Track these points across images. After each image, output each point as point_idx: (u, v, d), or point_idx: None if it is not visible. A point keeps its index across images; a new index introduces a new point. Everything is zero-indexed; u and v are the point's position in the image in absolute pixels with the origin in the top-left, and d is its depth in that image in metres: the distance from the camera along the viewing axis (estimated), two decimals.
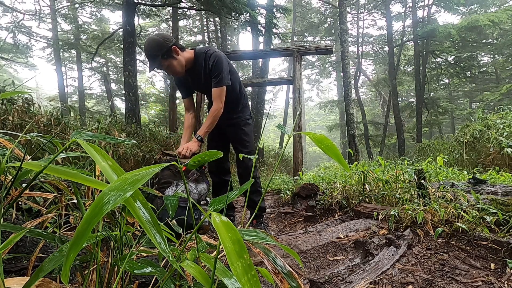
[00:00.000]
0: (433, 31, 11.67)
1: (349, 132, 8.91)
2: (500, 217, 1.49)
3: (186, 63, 1.98)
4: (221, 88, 1.98)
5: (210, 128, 2.01)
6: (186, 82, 2.14)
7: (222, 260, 0.89)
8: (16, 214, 1.23)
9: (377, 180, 2.41)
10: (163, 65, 1.89)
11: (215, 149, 2.15)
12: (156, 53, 1.82)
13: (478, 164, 4.92)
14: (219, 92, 1.99)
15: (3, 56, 13.09)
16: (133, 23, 6.97)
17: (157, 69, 1.97)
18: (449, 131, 19.07)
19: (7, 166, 0.60)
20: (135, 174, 0.43)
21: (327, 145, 0.63)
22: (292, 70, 7.89)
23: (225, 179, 2.35)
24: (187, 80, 2.11)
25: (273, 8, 8.38)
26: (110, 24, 18.33)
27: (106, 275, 0.72)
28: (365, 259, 1.39)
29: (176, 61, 1.91)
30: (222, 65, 1.96)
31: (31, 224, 0.80)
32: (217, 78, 1.97)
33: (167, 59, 1.87)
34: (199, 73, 2.03)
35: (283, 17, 15.14)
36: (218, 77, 1.97)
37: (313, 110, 40.67)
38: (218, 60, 1.95)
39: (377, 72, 23.40)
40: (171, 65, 1.91)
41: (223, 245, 0.40)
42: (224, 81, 1.98)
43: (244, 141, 2.23)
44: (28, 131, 2.92)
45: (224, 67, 1.97)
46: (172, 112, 11.16)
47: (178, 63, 1.92)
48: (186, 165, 0.60)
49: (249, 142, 2.25)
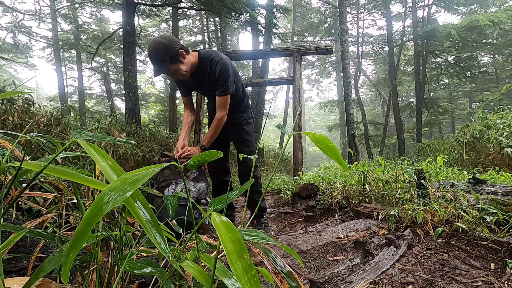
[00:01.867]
0: (433, 31, 11.67)
1: (349, 132, 8.92)
2: (500, 217, 1.49)
3: (191, 67, 1.93)
4: (226, 97, 1.97)
5: (213, 137, 2.00)
6: (187, 82, 2.12)
7: (222, 260, 0.89)
8: (16, 214, 1.23)
9: (377, 180, 2.41)
10: (170, 70, 1.81)
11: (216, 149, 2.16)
12: (164, 57, 1.73)
13: (478, 164, 4.92)
14: (224, 100, 1.97)
15: (3, 56, 13.09)
16: (133, 23, 6.97)
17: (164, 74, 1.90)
18: (449, 131, 19.06)
19: (7, 166, 0.60)
20: (135, 174, 0.43)
21: (327, 145, 0.63)
22: (292, 70, 7.88)
23: (225, 179, 2.35)
24: (188, 81, 2.09)
25: (273, 8, 8.38)
26: (110, 24, 18.33)
27: (106, 275, 0.72)
28: (365, 259, 1.39)
29: (183, 65, 1.83)
30: (228, 74, 1.92)
31: (31, 224, 0.80)
32: (223, 87, 1.94)
33: (174, 64, 1.79)
34: (203, 78, 2.00)
35: (283, 17, 15.13)
36: (224, 86, 1.93)
37: (313, 110, 40.68)
38: (225, 69, 1.91)
39: (377, 72, 23.41)
40: (178, 70, 1.83)
41: (223, 245, 0.40)
42: (229, 89, 1.95)
43: (246, 141, 2.23)
44: (28, 131, 2.92)
45: (230, 75, 1.94)
46: (172, 112, 11.17)
47: (185, 67, 1.85)
48: (186, 165, 0.60)
49: (251, 142, 2.24)
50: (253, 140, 2.26)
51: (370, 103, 27.42)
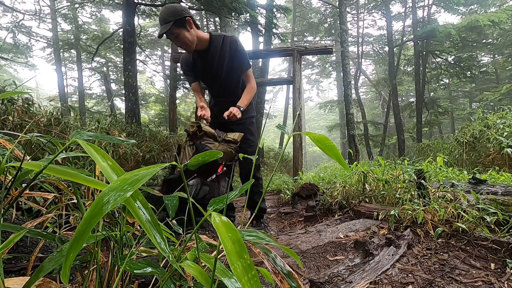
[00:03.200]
0: (433, 31, 11.67)
1: (349, 132, 8.92)
2: (500, 217, 1.49)
3: (198, 42, 1.92)
4: (250, 69, 2.10)
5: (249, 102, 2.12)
6: (195, 66, 2.09)
7: (222, 260, 0.89)
8: (16, 214, 1.23)
9: (377, 180, 2.41)
10: (173, 32, 1.81)
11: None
12: (169, 18, 1.76)
13: (478, 164, 4.92)
14: (250, 72, 2.11)
15: (3, 56, 13.09)
16: (133, 23, 6.97)
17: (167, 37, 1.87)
18: (449, 131, 19.07)
19: (7, 166, 0.60)
20: (135, 174, 0.43)
21: (327, 145, 0.63)
22: (292, 70, 7.88)
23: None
24: (196, 64, 2.07)
25: (273, 8, 8.38)
26: (110, 24, 18.34)
27: (106, 275, 0.72)
28: (365, 259, 1.39)
29: (188, 33, 1.84)
30: (244, 48, 2.06)
31: (31, 224, 0.80)
32: (246, 60, 2.05)
33: (178, 28, 1.80)
34: (213, 57, 2.01)
35: (283, 17, 15.13)
36: (246, 59, 2.05)
37: (313, 110, 40.69)
38: (241, 44, 2.04)
39: (377, 72, 23.42)
40: (182, 36, 1.83)
41: (223, 245, 0.40)
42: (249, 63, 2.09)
43: (249, 141, 2.22)
44: (28, 131, 2.91)
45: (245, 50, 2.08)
46: (172, 112, 11.17)
47: (190, 36, 1.85)
48: (186, 165, 0.60)
49: (253, 142, 2.25)
50: (256, 140, 2.27)
51: (370, 103, 27.42)
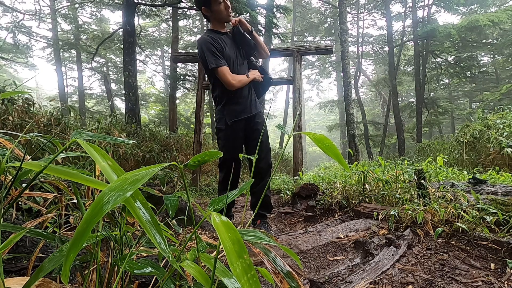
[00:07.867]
0: (433, 31, 11.66)
1: (349, 132, 8.91)
2: (500, 217, 1.49)
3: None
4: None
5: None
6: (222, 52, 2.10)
7: (222, 260, 0.89)
8: (16, 214, 1.23)
9: (377, 180, 2.41)
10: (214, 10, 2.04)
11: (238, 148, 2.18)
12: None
13: (478, 164, 4.92)
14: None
15: (3, 56, 13.09)
16: (133, 23, 6.97)
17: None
18: (449, 131, 19.07)
19: (7, 166, 0.60)
20: (135, 174, 0.43)
21: (327, 145, 0.63)
22: (292, 70, 7.88)
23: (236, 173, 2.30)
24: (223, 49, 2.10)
25: (273, 8, 8.38)
26: (110, 24, 18.34)
27: (106, 275, 0.72)
28: (365, 259, 1.39)
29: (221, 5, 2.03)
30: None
31: (31, 224, 0.80)
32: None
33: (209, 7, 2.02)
34: (232, 43, 2.19)
35: (283, 17, 15.14)
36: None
37: (313, 110, 40.68)
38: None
39: (377, 72, 23.42)
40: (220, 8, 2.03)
41: (223, 245, 0.40)
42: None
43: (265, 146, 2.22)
44: (28, 131, 2.91)
45: None
46: (172, 112, 11.16)
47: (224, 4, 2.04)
48: (186, 165, 0.60)
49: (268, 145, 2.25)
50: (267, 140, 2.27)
51: (370, 103, 27.42)
